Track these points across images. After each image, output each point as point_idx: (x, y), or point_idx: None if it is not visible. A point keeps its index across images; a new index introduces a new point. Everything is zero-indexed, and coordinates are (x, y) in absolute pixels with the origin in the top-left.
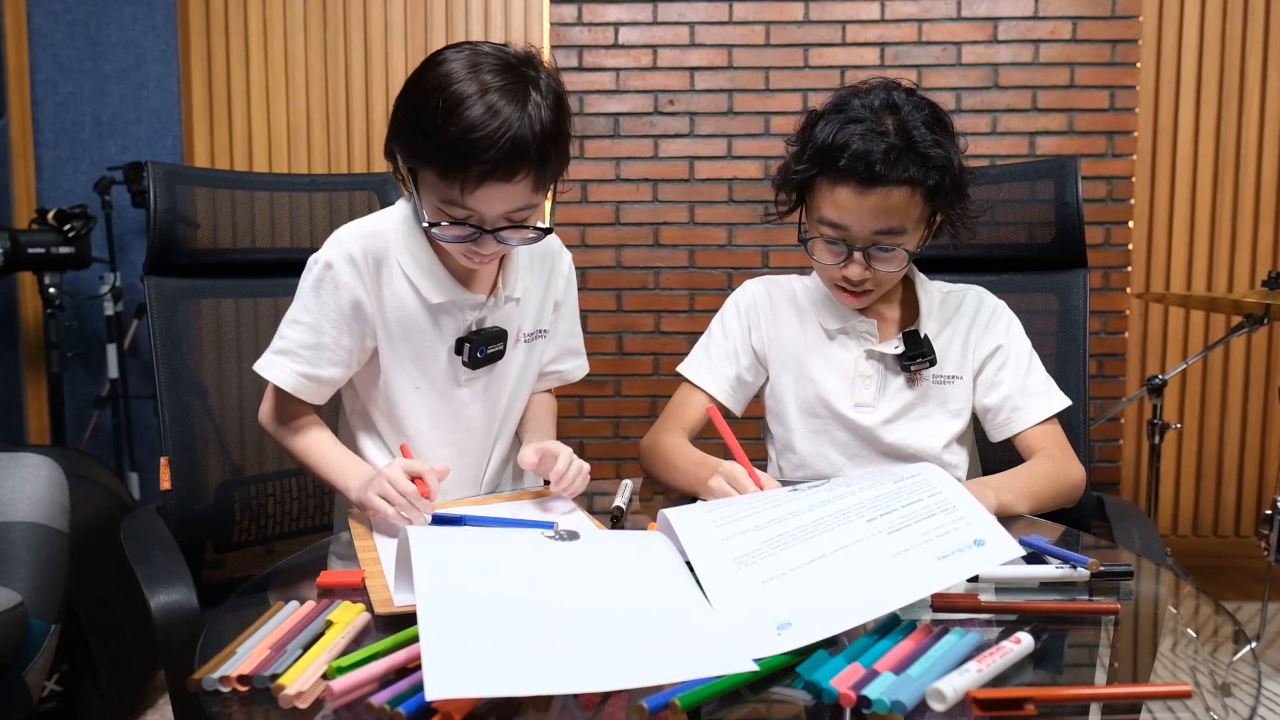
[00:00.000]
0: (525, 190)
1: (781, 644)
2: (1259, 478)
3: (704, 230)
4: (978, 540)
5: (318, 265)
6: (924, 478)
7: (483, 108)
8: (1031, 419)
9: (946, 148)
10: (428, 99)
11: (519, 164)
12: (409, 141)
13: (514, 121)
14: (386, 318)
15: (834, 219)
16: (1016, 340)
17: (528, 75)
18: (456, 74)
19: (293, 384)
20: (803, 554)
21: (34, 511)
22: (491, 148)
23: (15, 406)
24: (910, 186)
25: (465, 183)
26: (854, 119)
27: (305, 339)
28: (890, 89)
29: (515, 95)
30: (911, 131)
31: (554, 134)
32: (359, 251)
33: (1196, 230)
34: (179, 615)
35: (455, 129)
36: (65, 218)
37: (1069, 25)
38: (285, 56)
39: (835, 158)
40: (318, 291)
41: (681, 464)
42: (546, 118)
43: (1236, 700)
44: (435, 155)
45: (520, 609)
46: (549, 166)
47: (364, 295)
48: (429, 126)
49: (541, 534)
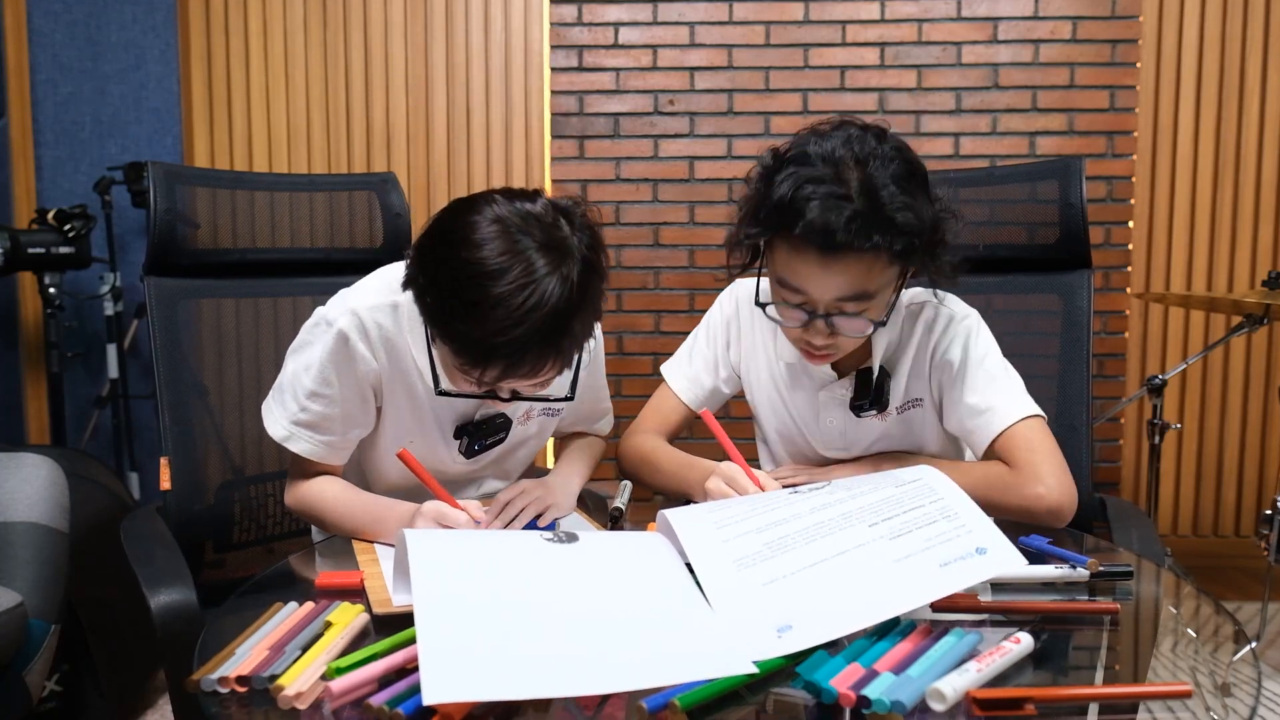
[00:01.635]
0: (551, 373)
1: (781, 646)
2: (1259, 478)
3: (704, 230)
4: (980, 548)
5: (332, 333)
6: (925, 482)
7: (511, 306)
8: (992, 433)
9: (918, 206)
10: (452, 280)
11: (545, 357)
12: (429, 311)
13: (543, 319)
14: (395, 390)
15: (793, 284)
16: (974, 353)
17: (563, 248)
18: (486, 260)
19: (321, 454)
20: (804, 557)
21: (34, 511)
22: (515, 353)
23: (15, 406)
24: (876, 253)
25: (485, 374)
26: (813, 178)
27: (329, 411)
28: (856, 135)
29: (548, 284)
30: (878, 192)
31: (584, 310)
32: (373, 325)
33: (1196, 230)
34: (179, 615)
35: (481, 327)
36: (65, 218)
37: (1069, 25)
38: (285, 56)
39: (791, 223)
40: (335, 363)
41: (665, 466)
42: (578, 295)
43: (1236, 700)
44: (456, 340)
45: (518, 612)
46: (577, 343)
47: (377, 367)
48: (452, 311)
49: (540, 536)
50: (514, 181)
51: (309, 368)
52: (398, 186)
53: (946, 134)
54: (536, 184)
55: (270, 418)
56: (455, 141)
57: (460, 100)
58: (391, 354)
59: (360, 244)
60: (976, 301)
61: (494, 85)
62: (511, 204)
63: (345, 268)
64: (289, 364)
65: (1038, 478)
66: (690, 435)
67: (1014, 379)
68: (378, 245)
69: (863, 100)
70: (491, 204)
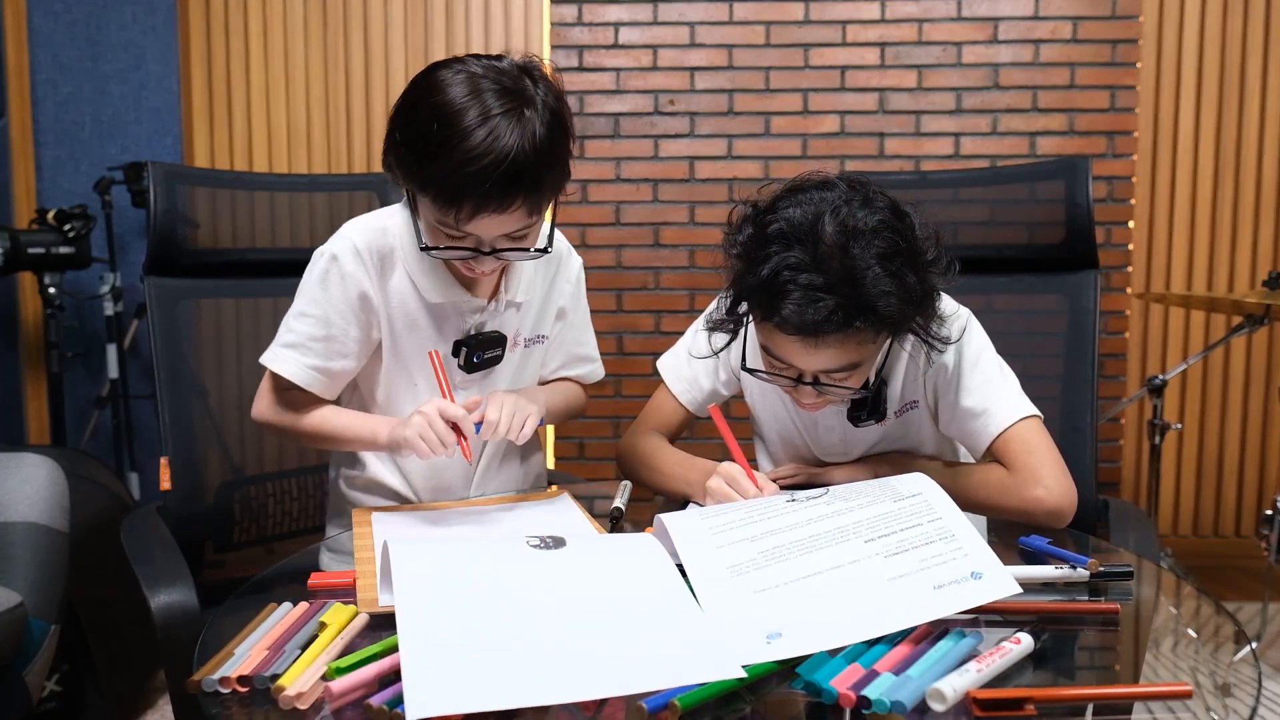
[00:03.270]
0: (521, 215)
1: (770, 653)
2: (1259, 478)
3: (704, 230)
4: (975, 573)
5: (323, 258)
6: (924, 498)
7: (476, 139)
8: (989, 435)
9: (905, 286)
10: (422, 125)
11: (514, 193)
12: (404, 163)
13: (508, 150)
14: (391, 312)
15: (778, 355)
16: (969, 355)
17: (525, 95)
18: (452, 101)
19: (305, 378)
20: (798, 568)
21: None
22: (485, 181)
23: (15, 406)
24: (861, 333)
25: (460, 211)
26: (792, 264)
27: (315, 331)
28: (841, 201)
29: (510, 121)
30: (861, 278)
31: (550, 156)
32: (364, 245)
33: (1196, 230)
34: (180, 615)
35: (449, 162)
36: (65, 218)
37: (1069, 25)
38: (285, 56)
39: (769, 313)
40: (324, 284)
41: (663, 466)
42: (542, 140)
43: (1236, 700)
44: (429, 183)
45: (502, 620)
46: (544, 189)
47: (370, 287)
48: (423, 154)
49: (525, 542)
50: None
51: (301, 293)
52: (397, 188)
53: (946, 134)
54: None
55: (264, 354)
56: None
57: None
58: (383, 271)
59: None
60: (980, 301)
61: None
62: (479, 61)
63: None
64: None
65: (1036, 480)
66: (690, 435)
67: (1009, 379)
68: None
69: (863, 100)
70: (460, 61)
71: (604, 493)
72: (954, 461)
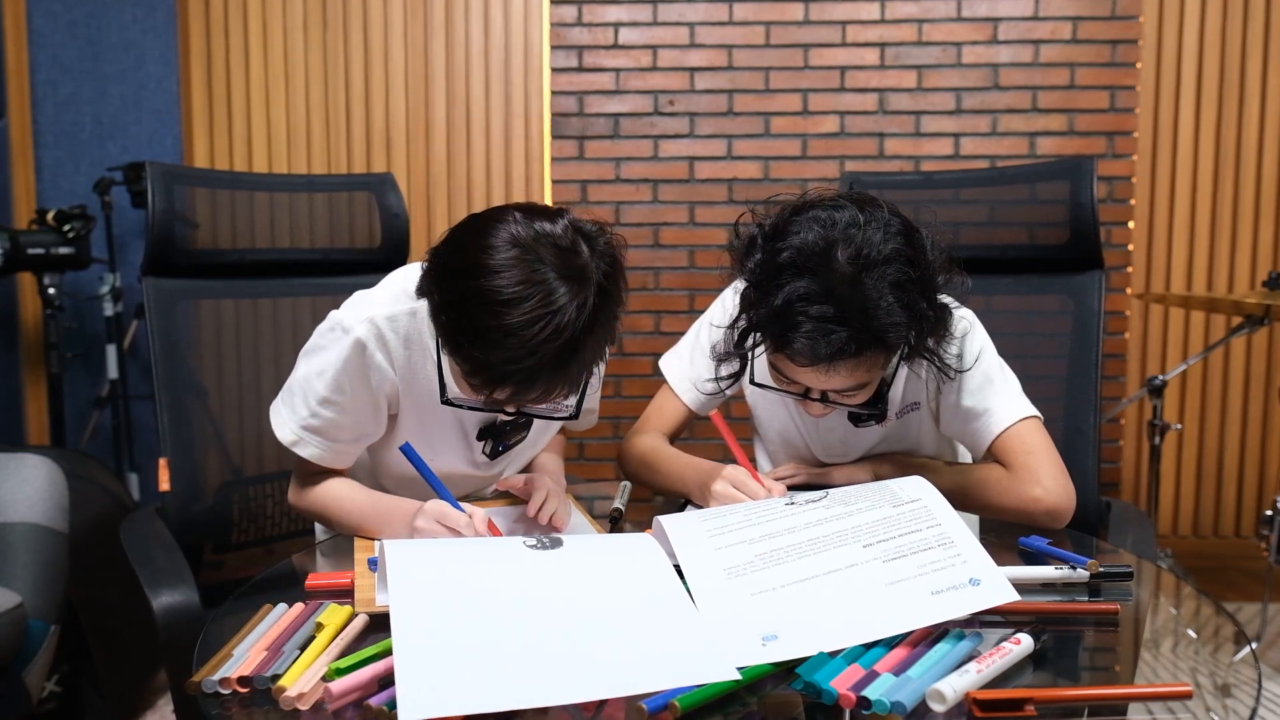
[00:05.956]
0: (558, 399)
1: (766, 655)
2: (1259, 478)
3: (704, 230)
4: (973, 579)
5: (349, 341)
6: (923, 504)
7: (524, 338)
8: (989, 436)
9: (917, 312)
10: (469, 304)
11: (554, 388)
12: (440, 325)
13: (554, 354)
14: (417, 397)
15: (788, 375)
16: (969, 355)
17: (583, 275)
18: (501, 289)
19: (328, 460)
20: (795, 572)
21: (34, 512)
22: (525, 381)
23: (15, 407)
24: (872, 357)
25: (493, 393)
26: (802, 295)
27: (340, 419)
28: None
29: (560, 319)
30: (875, 306)
31: (596, 347)
32: (390, 332)
33: (1196, 230)
34: (182, 616)
35: (490, 354)
36: (65, 218)
37: (1069, 25)
38: (285, 56)
39: (782, 345)
40: (350, 372)
41: (666, 467)
42: (590, 330)
43: (1236, 700)
44: (465, 360)
45: (498, 621)
46: (587, 371)
47: (394, 378)
48: (461, 328)
49: (522, 542)
50: (513, 181)
51: (322, 373)
52: (396, 187)
53: (946, 134)
54: (535, 184)
55: (278, 420)
56: (455, 142)
57: (460, 101)
58: (409, 361)
59: (359, 244)
60: (983, 302)
61: (494, 85)
62: (531, 224)
63: (344, 268)
64: (300, 367)
65: (1035, 480)
66: (690, 436)
67: (1009, 379)
68: (376, 246)
69: (863, 100)
70: (510, 223)
71: (604, 493)
72: (954, 461)
